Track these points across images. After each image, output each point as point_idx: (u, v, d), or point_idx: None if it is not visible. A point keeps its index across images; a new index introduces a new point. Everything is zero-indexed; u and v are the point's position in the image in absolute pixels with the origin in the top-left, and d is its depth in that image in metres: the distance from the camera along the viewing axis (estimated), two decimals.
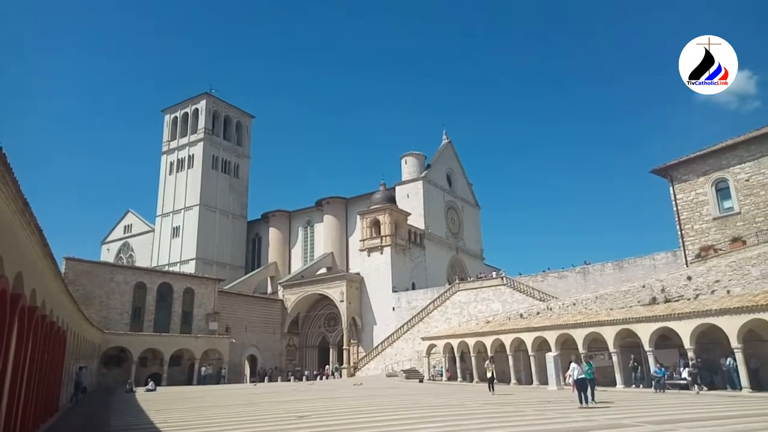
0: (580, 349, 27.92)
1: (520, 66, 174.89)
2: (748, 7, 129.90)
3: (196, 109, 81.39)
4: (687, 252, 32.61)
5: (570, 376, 18.35)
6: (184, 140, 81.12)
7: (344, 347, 57.65)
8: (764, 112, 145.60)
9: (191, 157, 79.64)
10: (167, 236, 78.32)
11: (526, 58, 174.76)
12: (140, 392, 32.45)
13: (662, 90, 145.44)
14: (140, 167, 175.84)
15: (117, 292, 45.28)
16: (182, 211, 77.58)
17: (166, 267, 71.19)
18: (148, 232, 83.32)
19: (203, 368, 46.08)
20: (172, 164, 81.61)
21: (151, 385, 36.03)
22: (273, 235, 78.20)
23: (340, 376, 53.89)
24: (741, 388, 21.68)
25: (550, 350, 29.77)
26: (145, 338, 44.13)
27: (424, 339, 44.32)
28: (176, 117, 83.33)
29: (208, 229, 75.94)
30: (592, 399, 18.00)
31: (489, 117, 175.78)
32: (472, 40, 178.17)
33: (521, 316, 37.29)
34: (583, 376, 17.72)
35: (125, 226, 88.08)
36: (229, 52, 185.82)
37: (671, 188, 34.17)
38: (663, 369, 24.32)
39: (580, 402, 17.37)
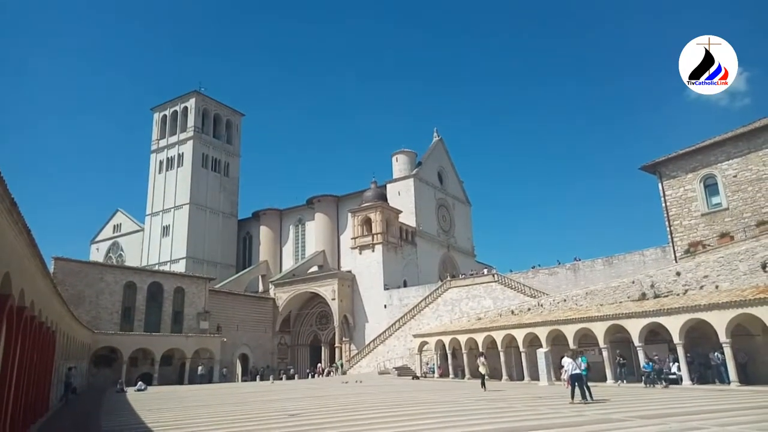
0: (571, 345, 28.12)
1: (510, 65, 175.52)
2: (739, 4, 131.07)
3: (186, 107, 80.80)
4: (676, 248, 32.88)
5: (566, 371, 18.35)
6: (174, 139, 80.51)
7: (336, 345, 57.65)
8: (755, 109, 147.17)
9: (181, 156, 79.07)
10: (157, 235, 77.81)
11: (516, 57, 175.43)
12: (131, 392, 32.25)
13: (654, 87, 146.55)
14: (129, 166, 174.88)
15: (107, 292, 44.95)
16: (172, 209, 77.08)
17: (156, 266, 70.67)
18: (137, 231, 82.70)
19: (200, 367, 46.08)
20: (161, 163, 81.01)
21: (141, 384, 35.81)
22: (264, 233, 77.93)
23: (342, 373, 53.57)
24: (729, 382, 21.92)
25: (541, 346, 29.91)
26: (135, 338, 43.85)
27: (415, 336, 44.40)
28: (165, 115, 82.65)
29: (199, 228, 75.51)
30: (590, 396, 17.50)
31: (480, 115, 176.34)
32: (463, 39, 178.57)
33: (512, 312, 37.48)
34: (577, 371, 17.77)
35: (114, 226, 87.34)
36: (219, 51, 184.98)
37: (660, 184, 34.41)
38: (650, 364, 24.48)
39: (572, 397, 17.36)
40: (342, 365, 54.12)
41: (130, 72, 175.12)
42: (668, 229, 33.67)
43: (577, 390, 17.41)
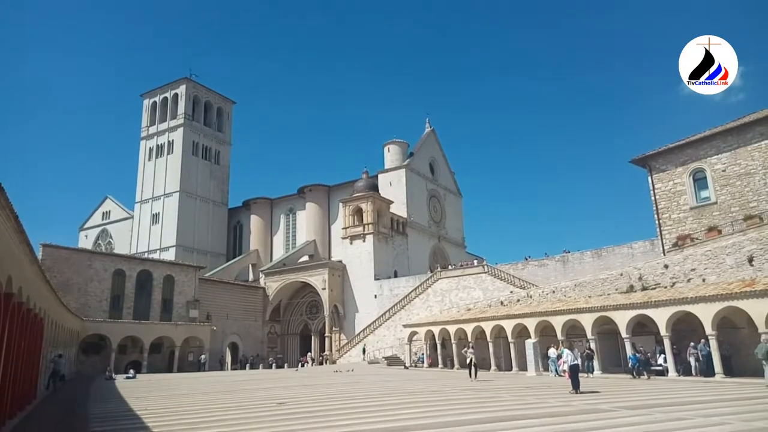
0: (559, 336, 28.41)
1: (503, 56, 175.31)
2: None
3: (176, 94, 79.91)
4: (664, 241, 33.18)
5: (565, 362, 18.50)
6: (164, 125, 79.68)
7: (326, 335, 57.77)
8: (749, 104, 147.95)
9: (171, 143, 78.34)
10: (146, 223, 77.23)
11: (508, 48, 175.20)
12: (120, 380, 32.19)
13: (648, 81, 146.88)
14: (119, 153, 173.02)
15: (95, 279, 44.69)
16: (162, 197, 76.46)
17: (146, 254, 70.20)
18: (127, 218, 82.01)
19: (202, 357, 46.52)
20: (151, 150, 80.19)
21: (130, 372, 35.77)
22: (255, 222, 77.62)
23: (333, 362, 53.42)
24: (714, 374, 22.24)
25: (529, 337, 30.19)
26: (124, 326, 43.71)
27: (405, 326, 44.61)
28: (155, 102, 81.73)
29: (189, 216, 75.01)
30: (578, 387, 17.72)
31: (471, 106, 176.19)
32: (455, 30, 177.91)
33: (502, 303, 37.71)
34: (576, 362, 17.89)
35: (103, 213, 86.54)
36: (210, 39, 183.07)
37: (650, 178, 34.64)
38: (635, 356, 24.70)
39: (574, 388, 17.48)
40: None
41: (120, 58, 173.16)
42: (657, 222, 33.96)
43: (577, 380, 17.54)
